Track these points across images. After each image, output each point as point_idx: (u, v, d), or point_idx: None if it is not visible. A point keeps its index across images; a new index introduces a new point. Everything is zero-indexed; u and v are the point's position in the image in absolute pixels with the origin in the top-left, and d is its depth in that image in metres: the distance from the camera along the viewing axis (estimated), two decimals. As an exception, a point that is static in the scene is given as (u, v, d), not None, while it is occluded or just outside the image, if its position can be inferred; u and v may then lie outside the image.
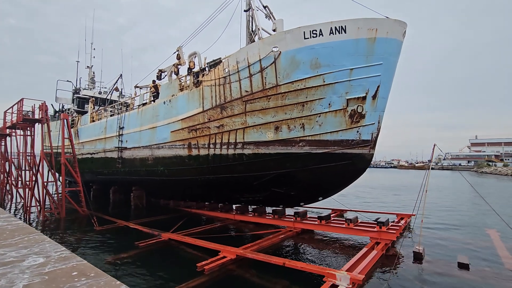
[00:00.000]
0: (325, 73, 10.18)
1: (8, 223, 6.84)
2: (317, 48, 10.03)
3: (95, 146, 19.96)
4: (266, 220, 13.50)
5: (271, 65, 10.68)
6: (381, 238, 10.02)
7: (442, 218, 16.01)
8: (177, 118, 13.88)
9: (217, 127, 12.43)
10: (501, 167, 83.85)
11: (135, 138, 16.44)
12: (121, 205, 19.30)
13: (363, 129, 10.75)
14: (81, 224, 14.36)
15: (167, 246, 10.80)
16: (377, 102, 10.60)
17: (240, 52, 11.46)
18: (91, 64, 29.25)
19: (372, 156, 11.34)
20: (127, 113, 17.36)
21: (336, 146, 10.87)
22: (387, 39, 10.09)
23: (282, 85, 10.68)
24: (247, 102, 11.45)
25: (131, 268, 8.72)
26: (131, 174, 17.08)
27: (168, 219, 15.37)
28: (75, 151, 15.72)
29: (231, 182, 12.86)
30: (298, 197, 12.55)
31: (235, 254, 8.73)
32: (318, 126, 10.78)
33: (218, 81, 12.17)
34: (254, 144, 11.71)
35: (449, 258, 9.40)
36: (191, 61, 13.50)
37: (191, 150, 13.42)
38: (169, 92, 14.49)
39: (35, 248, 4.95)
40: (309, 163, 11.23)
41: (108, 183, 20.09)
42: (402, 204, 21.33)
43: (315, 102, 10.55)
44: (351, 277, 6.48)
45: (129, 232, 12.78)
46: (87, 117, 21.35)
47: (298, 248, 10.99)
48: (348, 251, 10.37)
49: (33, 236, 5.69)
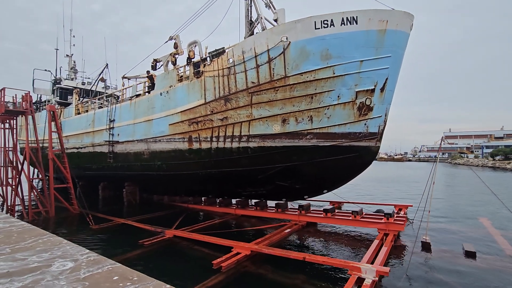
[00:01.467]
0: (335, 65, 10.03)
1: (11, 225, 6.20)
2: (328, 38, 9.84)
3: (82, 140, 18.82)
4: (270, 214, 13.36)
5: (280, 56, 10.37)
6: (389, 230, 10.17)
7: (436, 208, 16.60)
8: (175, 110, 13.28)
9: (220, 120, 12.01)
10: (472, 159, 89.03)
11: (128, 131, 15.63)
12: (112, 201, 18.43)
13: (370, 122, 10.77)
14: (73, 224, 13.54)
15: (172, 244, 10.38)
16: (384, 95, 10.62)
17: (246, 42, 11.05)
18: (71, 53, 27.45)
19: (378, 149, 11.43)
20: (118, 105, 16.43)
21: (343, 139, 10.83)
22: (396, 31, 10.07)
23: (290, 77, 10.43)
24: (253, 93, 11.11)
25: (140, 270, 8.27)
26: (124, 170, 16.29)
27: (166, 216, 14.86)
28: (63, 145, 14.68)
29: (234, 176, 12.55)
30: (303, 190, 12.48)
31: (250, 250, 8.51)
32: (327, 119, 10.67)
33: (222, 72, 11.70)
34: (260, 137, 11.43)
35: (454, 247, 9.71)
36: (191, 51, 12.88)
37: (192, 143, 12.92)
38: (166, 83, 13.82)
39: (56, 251, 4.46)
40: (316, 156, 11.14)
41: (97, 179, 19.09)
42: (391, 196, 21.98)
43: (324, 94, 10.40)
44: (377, 269, 6.47)
45: (128, 230, 12.19)
46: (72, 109, 20.05)
47: (306, 241, 10.95)
48: (355, 243, 10.46)
49: (47, 238, 5.15)
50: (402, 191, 25.11)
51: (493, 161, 76.35)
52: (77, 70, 25.22)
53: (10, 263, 3.85)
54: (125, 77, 19.83)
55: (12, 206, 13.87)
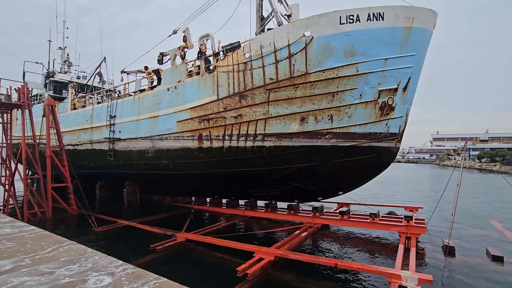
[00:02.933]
0: (359, 62, 9.66)
1: (20, 230, 5.51)
2: (353, 35, 9.46)
3: (79, 137, 17.86)
4: (282, 216, 12.92)
5: (301, 51, 9.92)
6: (410, 233, 9.90)
7: (442, 210, 16.56)
8: (184, 106, 12.64)
9: (234, 117, 11.46)
10: (459, 161, 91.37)
11: (131, 128, 14.85)
12: (110, 202, 17.58)
13: (391, 122, 10.48)
14: (72, 225, 12.73)
15: (186, 248, 9.79)
16: (407, 94, 10.34)
17: (265, 36, 10.55)
18: (64, 45, 26.20)
19: (398, 150, 11.15)
20: (120, 100, 15.62)
21: (363, 139, 10.50)
22: (421, 29, 9.80)
23: (312, 74, 10.00)
24: (271, 90, 10.62)
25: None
26: (125, 168, 15.49)
27: (171, 217, 14.20)
28: (62, 142, 13.77)
29: (246, 176, 12.03)
30: (318, 192, 12.09)
31: (274, 255, 8.03)
32: (347, 118, 10.30)
33: (237, 67, 11.16)
34: (276, 136, 10.97)
35: (477, 251, 9.53)
36: (203, 44, 12.27)
37: (202, 142, 12.32)
38: (174, 77, 13.15)
39: (85, 263, 3.85)
40: (334, 157, 10.76)
41: (94, 178, 18.16)
42: (393, 197, 21.95)
43: (346, 92, 10.03)
44: (419, 277, 6.12)
45: (134, 233, 11.49)
46: (67, 104, 19.01)
47: (321, 245, 10.55)
48: (373, 247, 10.13)
49: (68, 246, 4.52)
50: (402, 192, 25.18)
51: (479, 163, 78.57)
52: (71, 63, 24.04)
53: (37, 278, 3.22)
54: (124, 71, 18.97)
55: (5, 206, 12.89)
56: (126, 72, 18.99)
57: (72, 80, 21.77)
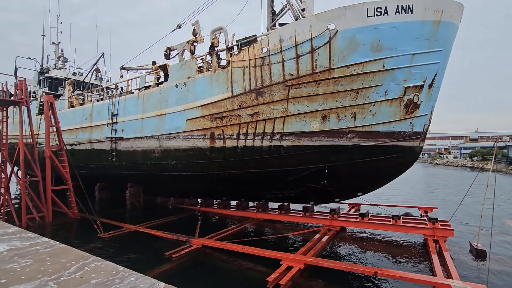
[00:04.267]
0: (386, 57, 9.18)
1: (33, 243, 4.76)
2: (380, 28, 8.96)
3: (77, 136, 16.91)
4: (297, 218, 12.39)
5: (325, 46, 9.38)
6: (437, 235, 9.51)
7: (450, 210, 16.31)
8: (195, 104, 11.95)
9: (250, 115, 10.85)
10: (452, 159, 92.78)
11: (135, 126, 14.05)
12: (111, 204, 16.74)
13: (416, 120, 10.05)
14: (74, 231, 11.91)
15: (202, 255, 9.15)
16: (432, 92, 9.92)
17: (285, 29, 9.97)
18: (58, 41, 25.02)
19: (422, 150, 10.75)
20: (123, 98, 14.78)
21: (387, 138, 10.04)
22: (449, 23, 9.38)
23: (335, 69, 9.47)
24: (290, 87, 10.05)
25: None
26: (128, 169, 14.68)
27: (179, 221, 13.54)
28: (62, 141, 12.87)
29: (261, 177, 11.44)
30: (336, 193, 11.57)
31: (303, 263, 7.47)
32: (371, 116, 9.82)
33: (253, 62, 10.54)
34: (296, 135, 10.41)
35: (508, 253, 9.20)
36: (215, 38, 11.60)
37: (214, 141, 11.66)
38: (184, 73, 12.43)
39: (120, 286, 3.20)
40: (355, 157, 10.28)
41: (94, 179, 17.25)
42: (398, 197, 21.69)
43: (371, 89, 9.54)
44: (471, 287, 5.66)
45: (143, 238, 10.78)
46: (64, 102, 18.02)
47: (339, 249, 10.05)
48: (395, 250, 9.69)
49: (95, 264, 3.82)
50: (405, 191, 25.00)
51: (471, 162, 79.84)
52: (66, 59, 22.90)
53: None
54: (124, 68, 18.15)
55: (0, 210, 11.96)
56: (126, 68, 18.17)
57: (68, 76, 20.73)
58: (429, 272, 7.49)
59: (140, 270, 2.94)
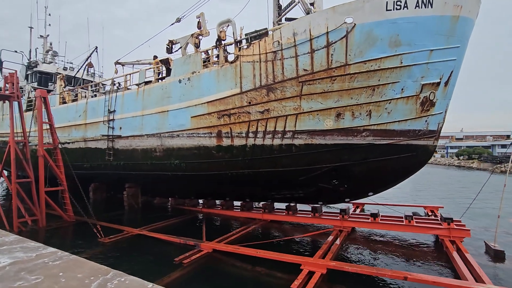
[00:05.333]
0: (404, 53, 8.89)
1: (38, 254, 4.16)
2: (399, 22, 8.65)
3: (70, 134, 16.00)
4: (305, 219, 12.04)
5: (342, 40, 9.01)
6: (453, 236, 9.32)
7: (453, 210, 16.33)
8: (200, 100, 11.38)
9: (260, 113, 10.38)
10: (439, 158, 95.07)
11: (134, 124, 13.34)
12: (107, 205, 15.94)
13: (431, 119, 9.83)
14: (70, 235, 11.16)
15: (213, 260, 8.63)
16: (448, 89, 9.73)
17: (299, 22, 9.54)
18: (46, 34, 23.80)
19: (435, 148, 10.56)
20: (120, 93, 14.02)
21: (402, 137, 9.78)
22: (467, 18, 9.18)
23: (352, 65, 9.12)
24: (304, 83, 9.64)
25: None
26: (127, 169, 13.94)
27: (182, 223, 12.95)
28: (57, 139, 12.03)
29: (271, 177, 11.00)
30: (347, 193, 11.26)
31: (325, 267, 7.08)
32: (387, 114, 9.53)
33: (264, 57, 10.07)
34: (308, 133, 10.02)
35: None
36: (222, 31, 11.06)
37: (222, 139, 11.14)
38: (188, 68, 11.83)
39: None
40: (369, 156, 9.98)
41: (88, 180, 16.37)
42: (396, 196, 21.69)
43: (387, 86, 9.23)
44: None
45: (147, 243, 10.15)
46: (55, 98, 17.01)
47: (354, 250, 9.75)
48: (408, 252, 9.45)
49: (118, 280, 3.30)
50: (401, 190, 25.07)
51: (458, 161, 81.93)
52: (56, 53, 21.73)
53: None
54: (119, 62, 17.34)
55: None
56: (121, 63, 17.35)
57: (59, 71, 19.66)
58: (452, 275, 7.25)
59: (149, 278, 2.45)
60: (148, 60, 16.49)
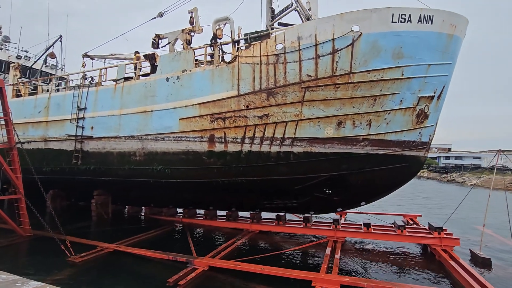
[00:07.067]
0: (405, 65, 9.05)
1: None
2: (403, 35, 8.80)
3: (25, 133, 13.76)
4: (297, 230, 11.62)
5: (347, 48, 8.89)
6: (444, 245, 9.60)
7: (438, 218, 16.98)
8: (191, 101, 10.48)
9: (258, 117, 9.82)
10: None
11: (109, 124, 11.86)
12: (69, 215, 13.91)
13: (424, 131, 10.14)
14: (24, 255, 9.36)
15: (210, 279, 7.73)
16: (439, 103, 10.15)
17: (305, 26, 9.25)
18: (-5, 16, 20.65)
19: (426, 160, 10.91)
20: (93, 89, 12.44)
21: (397, 147, 9.93)
22: (459, 38, 9.70)
23: (356, 73, 9.04)
24: (307, 89, 9.33)
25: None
26: (98, 174, 12.29)
27: (164, 235, 11.71)
28: (14, 138, 10.10)
29: (265, 186, 10.44)
30: (340, 203, 11.11)
31: (339, 283, 6.68)
32: (385, 124, 9.61)
33: (265, 59, 9.58)
34: (308, 140, 9.70)
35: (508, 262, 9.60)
36: (219, 29, 10.35)
37: (214, 144, 10.32)
38: (177, 65, 10.86)
39: None
40: (366, 165, 9.96)
41: (46, 186, 14.14)
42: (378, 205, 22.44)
43: (388, 97, 9.32)
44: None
45: (126, 261, 8.85)
46: (7, 90, 14.58)
47: (347, 261, 9.53)
48: (399, 262, 9.50)
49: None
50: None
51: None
52: (8, 38, 18.81)
53: None
54: (87, 55, 15.59)
55: None
56: (90, 56, 15.61)
57: (11, 60, 17.05)
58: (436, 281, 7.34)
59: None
60: (123, 54, 15.04)
